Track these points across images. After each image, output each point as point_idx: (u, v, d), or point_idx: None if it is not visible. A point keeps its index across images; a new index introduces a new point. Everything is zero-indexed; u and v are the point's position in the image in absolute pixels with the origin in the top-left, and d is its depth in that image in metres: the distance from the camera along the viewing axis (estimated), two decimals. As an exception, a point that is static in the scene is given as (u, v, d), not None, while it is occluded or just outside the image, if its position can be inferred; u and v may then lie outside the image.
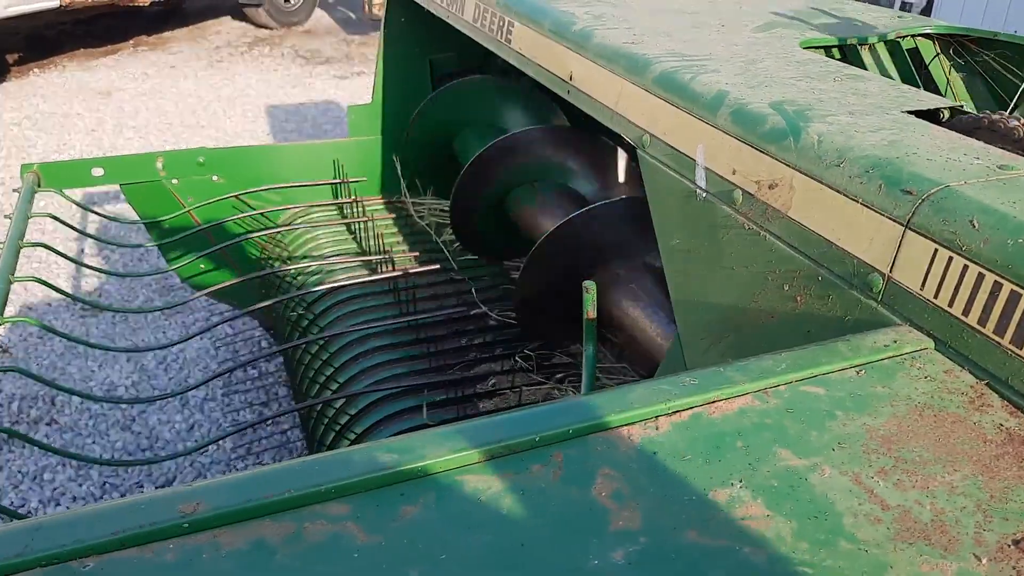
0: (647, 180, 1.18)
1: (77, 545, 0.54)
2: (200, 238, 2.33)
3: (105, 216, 2.29)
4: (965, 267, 0.74)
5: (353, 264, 2.37)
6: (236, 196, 2.48)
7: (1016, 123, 0.98)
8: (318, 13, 8.69)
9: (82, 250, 3.72)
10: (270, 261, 2.56)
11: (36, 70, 6.23)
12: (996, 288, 0.72)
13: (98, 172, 2.38)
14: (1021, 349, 0.70)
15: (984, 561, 0.55)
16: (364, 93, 5.07)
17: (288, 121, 5.54)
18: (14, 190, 2.17)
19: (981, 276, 0.73)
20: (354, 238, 2.54)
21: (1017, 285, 0.70)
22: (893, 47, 1.50)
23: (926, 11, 6.51)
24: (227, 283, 2.18)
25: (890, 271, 0.81)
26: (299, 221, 2.66)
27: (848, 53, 1.51)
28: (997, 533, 0.57)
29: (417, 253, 2.19)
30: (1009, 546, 0.56)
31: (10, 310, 2.07)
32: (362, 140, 2.69)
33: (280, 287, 2.42)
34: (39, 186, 2.32)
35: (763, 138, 0.99)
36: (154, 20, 7.93)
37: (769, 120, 0.99)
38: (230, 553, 0.54)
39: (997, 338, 0.71)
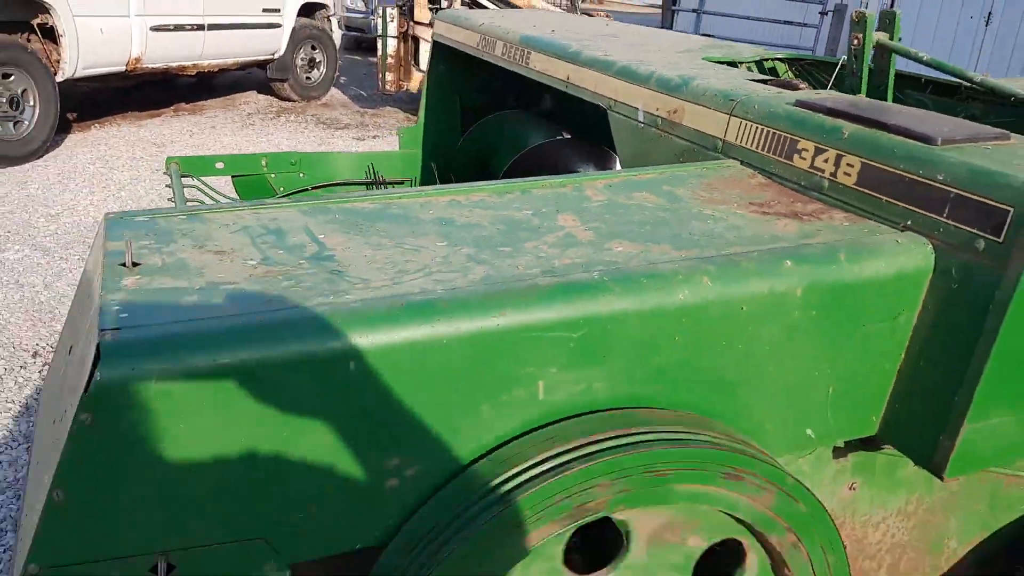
0: (613, 124, 2.08)
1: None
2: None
3: (223, 195, 3.16)
4: (750, 125, 1.63)
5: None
6: (314, 188, 3.37)
7: (801, 85, 1.90)
8: (333, 90, 9.80)
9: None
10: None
11: (96, 126, 7.19)
12: (760, 131, 1.61)
13: (219, 165, 3.28)
14: (766, 153, 1.58)
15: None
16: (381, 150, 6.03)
17: (318, 169, 6.48)
18: (165, 180, 3.06)
19: (756, 127, 1.62)
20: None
21: (768, 127, 1.59)
22: (760, 64, 2.44)
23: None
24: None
25: (724, 136, 1.70)
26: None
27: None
28: (752, 207, 1.44)
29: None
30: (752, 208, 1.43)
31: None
32: (408, 152, 3.61)
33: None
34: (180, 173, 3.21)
35: (670, 90, 1.89)
36: (189, 91, 8.98)
37: (673, 81, 1.90)
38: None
39: (760, 152, 1.60)
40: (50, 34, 6.02)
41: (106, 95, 8.18)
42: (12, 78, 5.71)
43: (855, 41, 1.86)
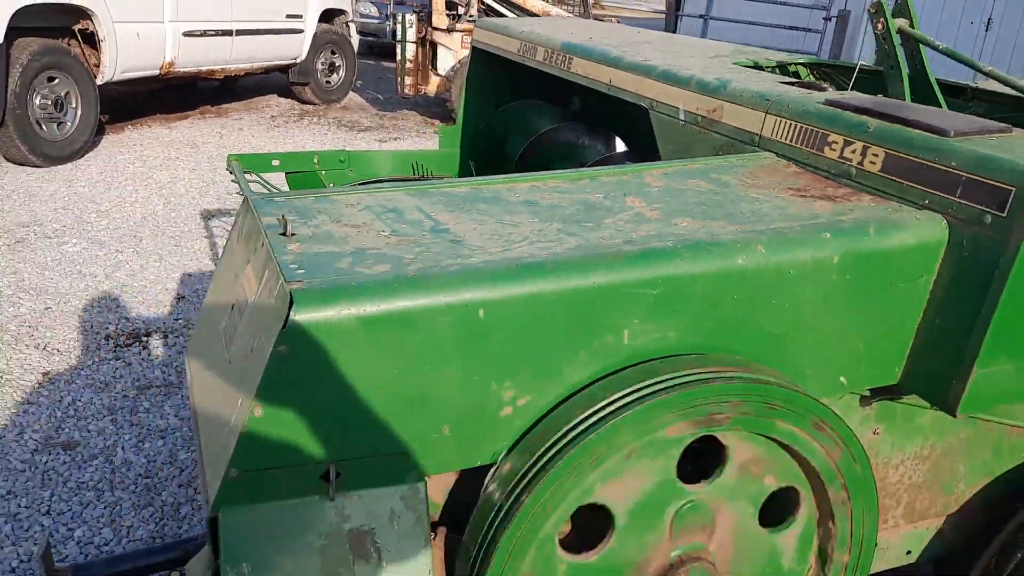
0: (655, 122, 2.33)
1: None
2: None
3: (277, 188, 3.40)
4: (784, 122, 1.88)
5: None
6: (361, 184, 3.62)
7: (826, 86, 2.14)
8: (351, 94, 10.05)
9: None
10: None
11: (129, 128, 7.45)
12: (794, 127, 1.85)
13: (276, 163, 3.52)
14: (800, 146, 1.82)
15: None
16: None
17: (345, 169, 6.74)
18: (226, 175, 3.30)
19: (790, 124, 1.86)
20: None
21: (801, 123, 1.83)
22: (783, 68, 2.69)
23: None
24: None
25: (760, 132, 1.95)
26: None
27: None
28: (794, 191, 1.69)
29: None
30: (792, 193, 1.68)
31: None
32: (446, 151, 3.86)
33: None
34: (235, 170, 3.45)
35: (710, 92, 2.14)
36: (213, 95, 9.23)
37: (712, 84, 2.15)
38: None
39: (794, 145, 1.84)
40: (90, 39, 6.28)
41: (134, 99, 8.44)
42: (56, 81, 5.96)
43: (879, 26, 2.10)
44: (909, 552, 1.88)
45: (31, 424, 2.89)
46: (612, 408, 1.32)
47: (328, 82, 9.52)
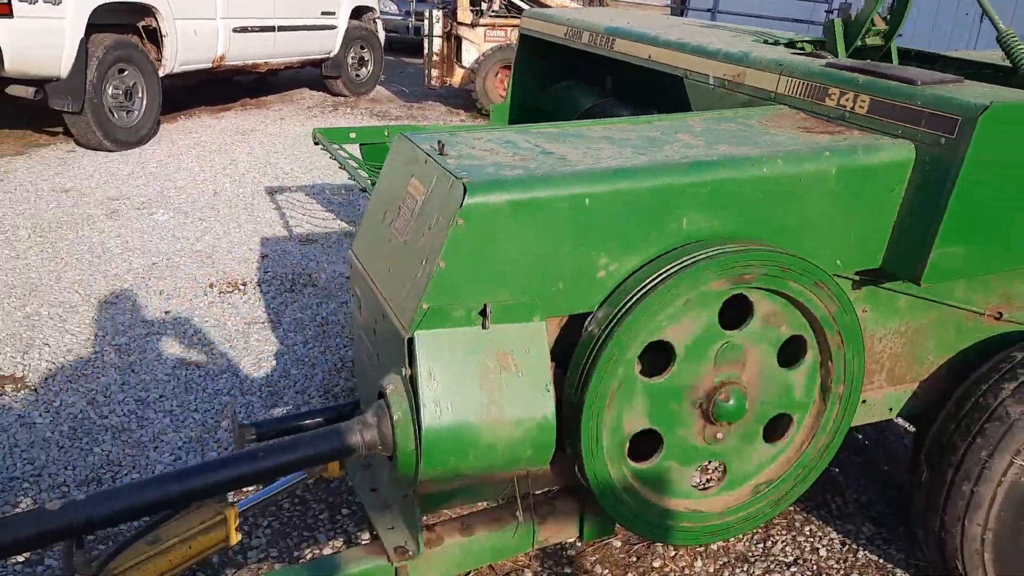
0: (689, 87, 2.89)
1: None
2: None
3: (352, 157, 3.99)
4: (794, 81, 2.44)
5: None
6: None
7: (824, 54, 2.70)
8: (378, 87, 10.63)
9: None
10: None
11: (181, 118, 8.03)
12: (802, 84, 2.41)
13: (352, 135, 4.11)
14: (806, 98, 2.38)
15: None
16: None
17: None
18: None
19: (799, 82, 2.43)
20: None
21: (807, 81, 2.39)
22: (791, 43, 3.27)
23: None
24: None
25: (775, 89, 2.51)
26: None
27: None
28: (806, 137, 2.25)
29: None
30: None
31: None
32: (496, 125, 4.42)
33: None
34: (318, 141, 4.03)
35: (734, 61, 2.70)
36: (249, 88, 9.82)
37: (736, 55, 2.71)
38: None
39: (801, 98, 2.41)
40: (152, 35, 6.86)
41: (180, 92, 9.03)
42: (126, 73, 6.55)
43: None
44: (891, 409, 2.45)
45: (166, 349, 3.47)
46: (674, 269, 1.89)
47: (358, 75, 10.11)
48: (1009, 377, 2.23)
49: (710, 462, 2.60)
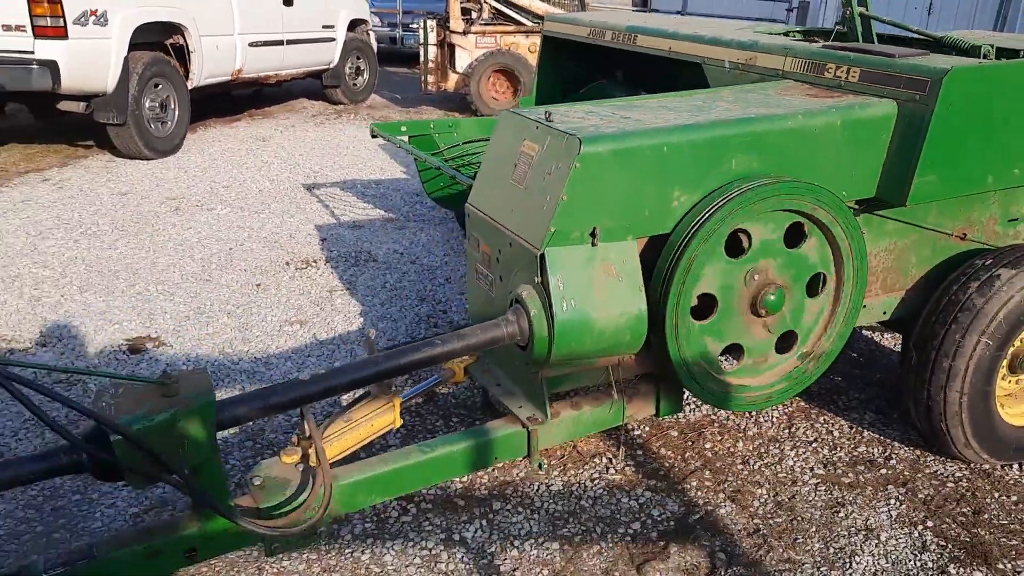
0: (707, 71, 3.57)
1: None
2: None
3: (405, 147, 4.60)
4: (798, 60, 3.12)
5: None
6: (466, 143, 4.82)
7: (819, 39, 3.39)
8: (373, 94, 11.21)
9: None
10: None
11: (200, 128, 8.55)
12: (805, 63, 3.09)
13: (404, 128, 4.73)
14: (808, 73, 3.07)
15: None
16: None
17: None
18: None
19: (802, 61, 3.11)
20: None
21: (808, 60, 3.08)
22: (786, 34, 3.97)
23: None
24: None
25: (783, 68, 3.19)
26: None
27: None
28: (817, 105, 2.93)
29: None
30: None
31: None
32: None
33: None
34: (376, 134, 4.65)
35: (746, 48, 3.38)
36: (251, 100, 10.35)
37: (747, 43, 3.39)
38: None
39: (804, 73, 3.09)
40: (178, 51, 7.40)
41: (193, 106, 9.53)
42: (160, 87, 7.08)
43: (847, 11, 3.37)
44: (885, 312, 3.13)
45: (267, 314, 4.06)
46: (728, 198, 2.55)
47: (355, 84, 10.69)
48: (974, 278, 2.93)
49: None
